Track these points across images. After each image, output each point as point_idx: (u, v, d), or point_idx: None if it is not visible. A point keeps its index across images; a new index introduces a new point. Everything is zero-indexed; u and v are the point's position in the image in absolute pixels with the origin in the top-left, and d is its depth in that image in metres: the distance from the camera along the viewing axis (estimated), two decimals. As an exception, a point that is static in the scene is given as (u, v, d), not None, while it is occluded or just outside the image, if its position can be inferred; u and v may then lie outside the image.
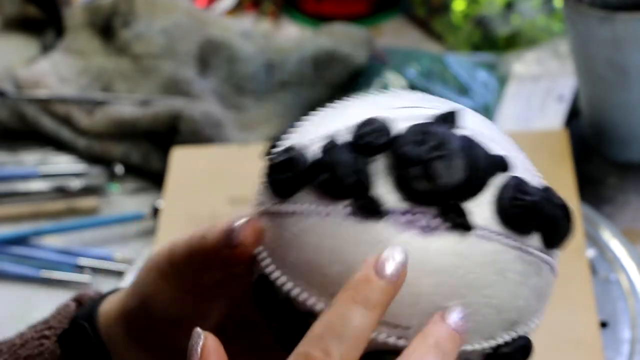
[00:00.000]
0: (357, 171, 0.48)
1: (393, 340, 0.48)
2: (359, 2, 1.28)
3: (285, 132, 0.53)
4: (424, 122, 0.50)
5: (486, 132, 0.51)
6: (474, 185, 0.48)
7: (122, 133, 1.08)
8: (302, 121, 0.53)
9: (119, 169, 1.07)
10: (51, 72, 1.15)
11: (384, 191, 0.48)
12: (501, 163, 0.49)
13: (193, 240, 0.52)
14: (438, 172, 0.47)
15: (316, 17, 1.29)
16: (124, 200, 1.05)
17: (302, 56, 1.12)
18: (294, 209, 0.49)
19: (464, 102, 1.10)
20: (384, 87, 1.08)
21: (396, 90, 0.54)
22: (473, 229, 0.48)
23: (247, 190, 0.95)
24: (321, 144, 0.49)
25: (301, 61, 1.11)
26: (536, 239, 0.50)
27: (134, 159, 1.07)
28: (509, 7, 1.15)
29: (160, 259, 0.54)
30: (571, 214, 0.51)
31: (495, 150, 0.50)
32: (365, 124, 0.49)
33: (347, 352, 0.45)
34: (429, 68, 1.10)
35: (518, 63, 1.12)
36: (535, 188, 0.50)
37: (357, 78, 1.11)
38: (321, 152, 0.49)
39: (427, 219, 0.48)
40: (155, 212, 0.99)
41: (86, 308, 0.59)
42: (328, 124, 0.51)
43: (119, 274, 0.96)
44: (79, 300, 0.60)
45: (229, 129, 1.07)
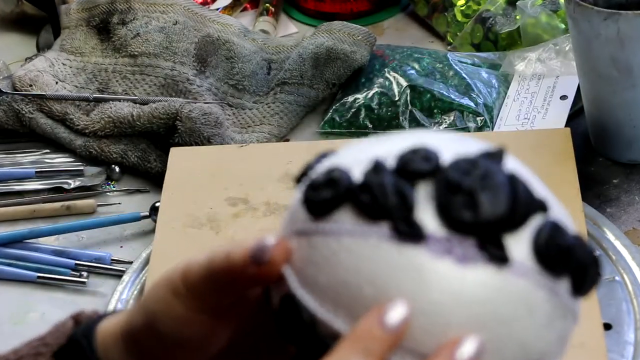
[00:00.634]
0: (398, 193, 0.48)
1: None
2: (360, 0, 1.28)
3: (322, 156, 0.53)
4: (471, 154, 0.50)
5: (527, 175, 0.51)
6: (516, 220, 0.48)
7: (120, 133, 1.07)
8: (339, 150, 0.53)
9: (116, 169, 1.06)
10: (48, 71, 1.14)
11: (425, 216, 0.48)
12: (542, 204, 0.50)
13: (215, 259, 0.52)
14: (482, 203, 0.48)
15: (316, 15, 1.28)
16: (121, 200, 1.04)
17: (302, 55, 1.11)
18: (330, 228, 0.49)
19: (465, 101, 1.10)
20: (383, 87, 1.08)
21: (441, 130, 0.54)
22: (510, 263, 0.48)
23: (246, 190, 0.95)
24: (365, 166, 0.49)
25: (301, 60, 1.11)
26: (566, 283, 0.50)
27: (132, 159, 1.06)
28: (511, 5, 1.15)
29: (174, 277, 0.53)
30: (601, 264, 0.51)
31: (537, 191, 0.50)
32: (412, 150, 0.50)
33: None
34: (430, 67, 1.10)
35: (520, 62, 1.11)
36: (570, 232, 0.50)
37: (358, 77, 1.11)
38: (364, 174, 0.49)
39: (465, 248, 0.47)
40: (154, 212, 0.98)
41: (83, 326, 0.58)
42: (371, 149, 0.51)
43: (117, 275, 0.95)
44: (76, 319, 0.60)
45: (227, 129, 1.06)
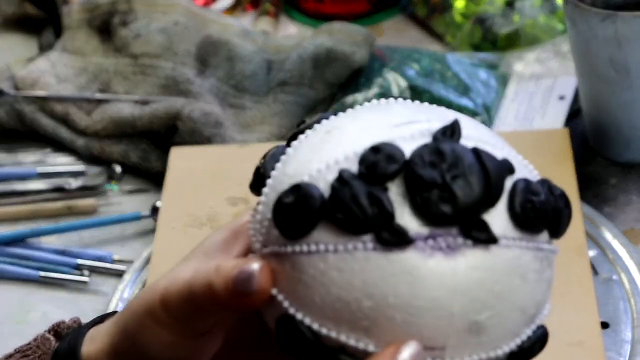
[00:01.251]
0: (374, 203, 0.47)
1: None
2: (360, 1, 1.28)
3: (275, 157, 0.52)
4: (431, 141, 0.49)
5: (484, 138, 0.51)
6: (492, 197, 0.48)
7: (121, 133, 1.08)
8: (291, 147, 0.52)
9: (118, 169, 1.07)
10: (50, 72, 1.14)
11: (405, 219, 0.48)
12: (508, 167, 0.50)
13: (195, 286, 0.50)
14: (458, 193, 0.47)
15: (316, 16, 1.28)
16: (123, 200, 1.05)
17: (302, 56, 1.11)
18: (312, 249, 0.48)
19: (464, 102, 1.10)
20: (383, 88, 1.08)
21: (381, 102, 0.53)
22: (495, 240, 0.48)
23: (246, 190, 0.95)
24: (330, 177, 0.48)
25: (301, 61, 1.11)
26: (545, 235, 0.51)
27: (133, 159, 1.07)
28: (510, 6, 1.15)
29: (152, 304, 0.51)
30: (569, 200, 0.52)
31: (498, 154, 0.50)
32: (371, 151, 0.48)
33: None
34: (429, 68, 1.10)
35: (519, 63, 1.11)
36: (539, 186, 0.50)
37: (358, 78, 1.11)
38: (332, 188, 0.48)
39: (450, 239, 0.48)
40: (155, 212, 0.99)
41: (67, 342, 0.56)
42: (326, 151, 0.50)
43: (118, 275, 0.95)
44: (56, 331, 0.58)
45: (228, 129, 1.06)
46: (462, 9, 1.20)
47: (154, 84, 1.11)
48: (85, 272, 0.96)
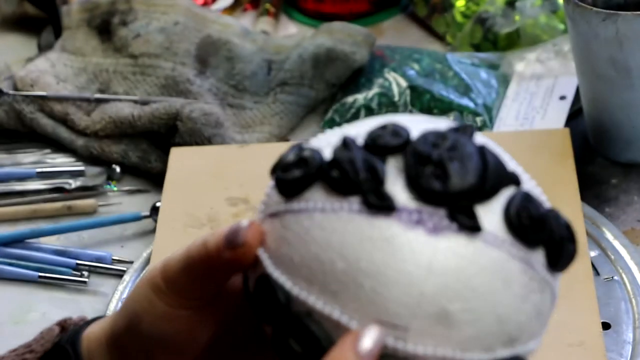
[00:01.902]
0: (368, 168, 0.48)
1: (392, 341, 0.47)
2: (360, 1, 1.28)
3: (296, 144, 0.53)
4: (440, 128, 0.50)
5: (499, 150, 0.51)
6: (486, 190, 0.48)
7: (121, 133, 1.07)
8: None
9: (117, 169, 1.07)
10: (49, 72, 1.14)
11: (395, 189, 0.48)
12: (514, 176, 0.50)
13: (192, 250, 0.53)
14: (451, 173, 0.48)
15: (316, 16, 1.28)
16: (122, 200, 1.05)
17: (302, 55, 1.11)
18: (302, 206, 0.49)
19: (464, 102, 1.10)
20: (383, 88, 1.08)
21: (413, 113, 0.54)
22: (481, 232, 0.47)
23: (246, 191, 0.95)
24: (336, 145, 0.50)
25: (301, 60, 1.11)
26: (541, 255, 0.50)
27: (132, 159, 1.07)
28: (510, 5, 1.15)
29: (153, 274, 0.54)
30: (576, 236, 0.51)
31: (509, 165, 0.50)
32: (380, 127, 0.50)
33: None
34: (429, 67, 1.10)
35: (519, 62, 1.11)
36: (543, 205, 0.50)
37: (358, 77, 1.11)
38: (334, 151, 0.49)
39: (436, 219, 0.48)
40: (154, 212, 0.98)
41: (70, 332, 0.59)
42: (343, 131, 0.51)
43: (118, 275, 0.95)
44: (62, 325, 0.60)
45: (228, 129, 1.06)
46: (462, 9, 1.20)
47: (154, 83, 1.11)
48: (84, 272, 0.96)
